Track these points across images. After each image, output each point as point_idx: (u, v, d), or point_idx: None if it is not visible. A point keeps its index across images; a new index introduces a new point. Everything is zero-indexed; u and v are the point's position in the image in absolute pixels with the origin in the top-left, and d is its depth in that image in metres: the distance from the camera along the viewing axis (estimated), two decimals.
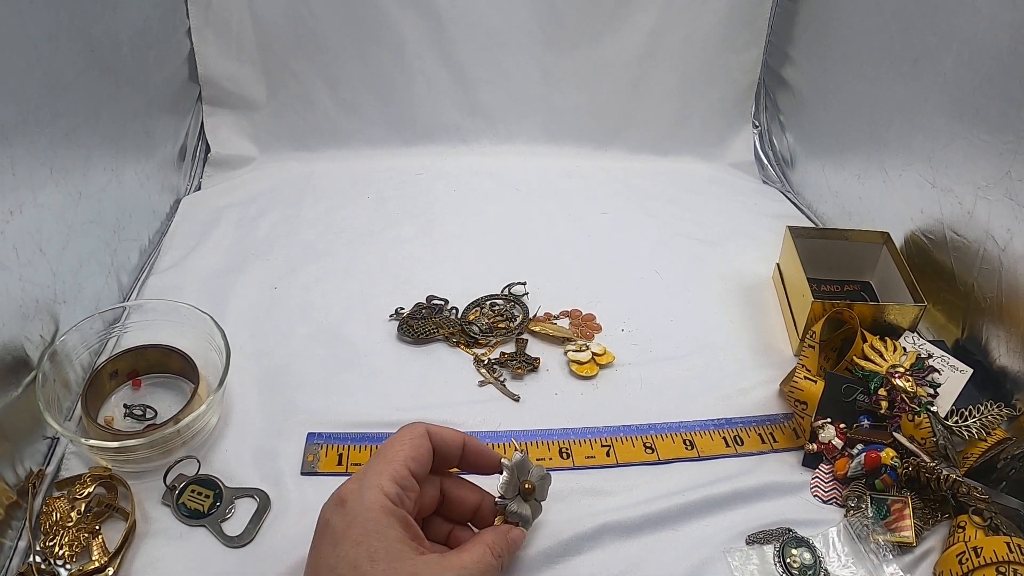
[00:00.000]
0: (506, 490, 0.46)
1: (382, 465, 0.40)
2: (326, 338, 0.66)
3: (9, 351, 0.50)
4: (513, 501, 0.46)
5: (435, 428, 0.44)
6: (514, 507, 0.45)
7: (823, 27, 0.92)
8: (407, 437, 0.42)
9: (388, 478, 0.39)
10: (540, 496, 0.48)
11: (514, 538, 0.44)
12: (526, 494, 0.46)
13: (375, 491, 0.38)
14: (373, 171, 0.94)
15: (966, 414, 0.55)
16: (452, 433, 0.44)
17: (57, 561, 0.45)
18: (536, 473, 0.48)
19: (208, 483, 0.51)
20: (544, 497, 0.49)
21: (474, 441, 0.46)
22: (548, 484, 0.49)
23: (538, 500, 0.48)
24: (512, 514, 0.45)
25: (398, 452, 0.41)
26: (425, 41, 0.93)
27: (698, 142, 1.05)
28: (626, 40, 0.97)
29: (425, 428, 0.43)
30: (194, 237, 0.79)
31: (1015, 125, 0.59)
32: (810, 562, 0.48)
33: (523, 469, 0.47)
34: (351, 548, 0.36)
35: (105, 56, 0.66)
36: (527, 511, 0.46)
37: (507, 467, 0.46)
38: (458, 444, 0.44)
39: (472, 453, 0.45)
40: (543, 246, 0.82)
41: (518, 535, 0.45)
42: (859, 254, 0.75)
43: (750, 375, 0.65)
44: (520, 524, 0.46)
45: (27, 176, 0.53)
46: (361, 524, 0.37)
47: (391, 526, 0.37)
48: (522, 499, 0.46)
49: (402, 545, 0.37)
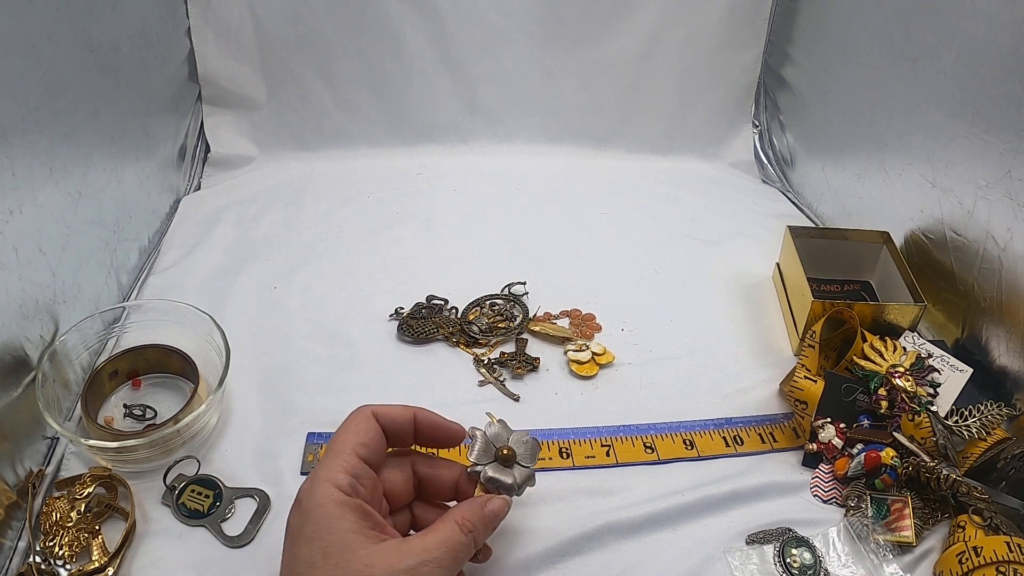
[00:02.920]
0: (479, 456, 0.44)
1: (331, 458, 0.39)
2: (326, 338, 0.66)
3: (9, 351, 0.49)
4: (489, 467, 0.44)
5: (382, 408, 0.42)
6: (491, 472, 0.43)
7: (823, 27, 0.92)
8: (353, 423, 0.41)
9: (338, 470, 0.38)
10: (526, 460, 0.46)
11: (493, 509, 0.42)
12: (505, 459, 0.44)
13: (324, 485, 0.38)
14: (373, 171, 0.94)
15: (966, 414, 0.55)
16: (400, 409, 0.43)
17: (57, 561, 0.45)
18: (516, 438, 0.46)
19: (208, 483, 0.51)
20: (533, 462, 0.46)
21: (426, 413, 0.44)
22: (535, 449, 0.47)
23: (525, 465, 0.46)
24: (490, 480, 0.43)
25: (345, 441, 0.40)
26: (425, 41, 0.93)
27: (698, 142, 1.05)
28: (626, 39, 0.97)
29: (370, 410, 0.42)
30: (194, 237, 0.79)
31: (1015, 124, 0.59)
32: (810, 562, 0.48)
33: (499, 437, 0.45)
34: (305, 545, 0.36)
35: (105, 56, 0.66)
36: (509, 477, 0.44)
37: (478, 434, 0.44)
38: (408, 419, 0.43)
39: (426, 426, 0.44)
40: (543, 246, 0.82)
41: (498, 505, 0.42)
42: (859, 254, 0.75)
43: (750, 375, 0.65)
44: (503, 492, 0.44)
45: (27, 176, 0.53)
46: (314, 521, 0.36)
47: (343, 517, 0.37)
48: (500, 466, 0.44)
49: (356, 535, 0.36)
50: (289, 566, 0.37)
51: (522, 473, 0.45)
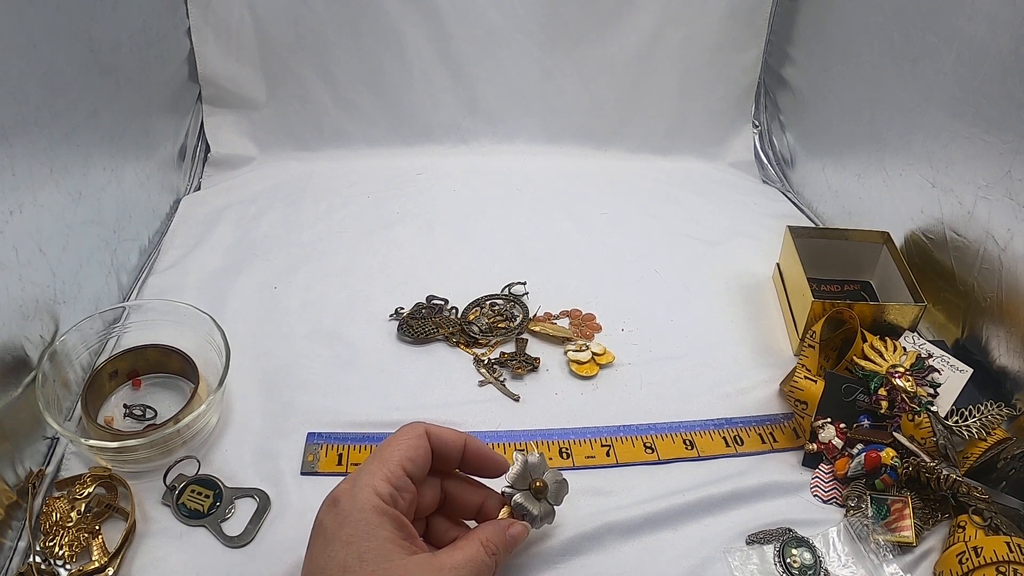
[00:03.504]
0: (515, 481, 0.45)
1: (377, 465, 0.40)
2: (326, 338, 0.66)
3: (9, 351, 0.49)
4: (520, 494, 0.45)
5: (435, 428, 0.43)
6: (520, 499, 0.44)
7: (823, 27, 0.92)
8: (404, 437, 0.42)
9: (382, 478, 0.39)
10: (553, 499, 0.47)
11: (514, 534, 0.43)
12: (536, 492, 0.46)
13: (367, 491, 0.38)
14: (373, 171, 0.94)
15: (966, 414, 0.55)
16: (453, 434, 0.44)
17: (57, 561, 0.45)
18: (551, 476, 0.47)
19: (208, 483, 0.51)
20: (559, 502, 0.48)
21: (476, 442, 0.45)
22: (564, 491, 0.48)
23: (551, 503, 0.47)
24: (518, 506, 0.44)
25: (394, 452, 0.40)
26: (425, 41, 0.93)
27: (698, 142, 1.05)
28: (626, 40, 0.97)
29: (424, 428, 0.42)
30: (194, 237, 0.79)
31: (1015, 124, 0.60)
32: (810, 562, 0.48)
33: (537, 468, 0.46)
34: (341, 548, 0.36)
35: (105, 56, 0.66)
36: (536, 509, 0.45)
37: (519, 458, 0.45)
38: (459, 445, 0.44)
39: (473, 455, 0.44)
40: (543, 246, 0.82)
41: (519, 531, 0.43)
42: (859, 254, 0.75)
43: (750, 375, 0.65)
44: (526, 519, 0.45)
45: (27, 176, 0.53)
46: (352, 524, 0.37)
47: (382, 526, 0.37)
48: (531, 495, 0.45)
49: (392, 545, 0.37)
50: (320, 566, 0.37)
51: (546, 508, 0.47)
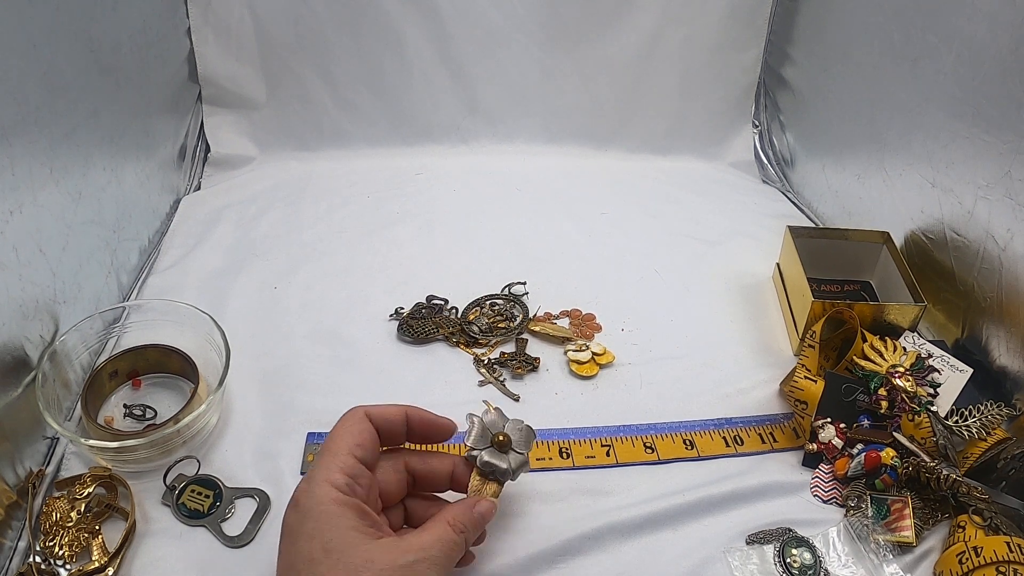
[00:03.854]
0: (476, 441, 0.45)
1: (328, 458, 0.40)
2: (326, 338, 0.66)
3: (9, 351, 0.49)
4: (485, 452, 0.45)
5: (374, 408, 0.43)
6: (487, 457, 0.44)
7: (823, 27, 0.92)
8: (347, 425, 0.42)
9: (335, 470, 0.39)
10: (521, 447, 0.47)
11: (482, 511, 0.43)
12: (501, 445, 0.45)
13: (323, 485, 0.38)
14: (373, 171, 0.94)
15: (966, 414, 0.55)
16: (392, 409, 0.44)
17: (57, 561, 0.45)
18: (512, 426, 0.47)
19: (208, 483, 0.51)
20: (528, 448, 0.47)
21: (417, 411, 0.45)
22: (530, 436, 0.48)
23: (519, 451, 0.47)
24: (486, 464, 0.44)
25: (340, 443, 0.41)
26: (425, 41, 0.93)
27: (698, 142, 1.05)
28: (626, 40, 0.97)
29: (363, 411, 0.43)
30: (194, 237, 0.79)
31: (1015, 124, 0.60)
32: (810, 562, 0.48)
33: (495, 424, 0.46)
34: (305, 543, 0.36)
35: (105, 56, 0.66)
36: (504, 462, 0.45)
37: (472, 418, 0.45)
38: (401, 418, 0.44)
39: (418, 423, 0.44)
40: (543, 246, 0.82)
41: (486, 507, 0.43)
42: (859, 254, 0.75)
43: (750, 375, 0.65)
44: (498, 477, 0.45)
45: (27, 176, 0.53)
46: (313, 519, 0.37)
47: (343, 516, 0.37)
48: (496, 451, 0.45)
49: (356, 533, 0.37)
50: (289, 563, 0.37)
51: (517, 459, 0.46)
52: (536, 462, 0.55)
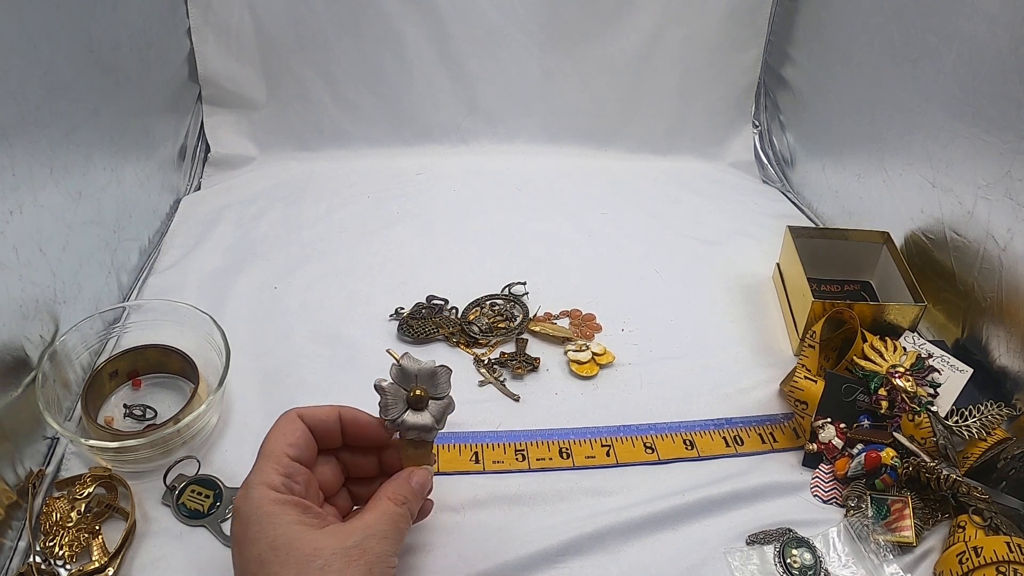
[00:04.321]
0: (389, 412, 0.43)
1: (262, 461, 0.40)
2: (326, 338, 0.66)
3: (9, 351, 0.49)
4: (405, 416, 0.43)
5: (306, 409, 0.43)
6: (408, 421, 0.43)
7: (823, 27, 0.92)
8: (279, 427, 0.42)
9: (270, 472, 0.39)
10: (438, 392, 0.44)
11: (419, 480, 0.43)
12: (417, 403, 0.43)
13: (259, 488, 0.38)
14: (373, 171, 0.94)
15: (966, 414, 0.55)
16: (325, 409, 0.44)
17: (57, 561, 0.45)
18: (424, 373, 0.44)
19: (208, 483, 0.51)
20: (446, 391, 0.45)
21: (351, 411, 0.44)
22: (446, 375, 0.45)
23: (438, 398, 0.44)
24: (410, 429, 0.43)
25: (274, 444, 0.41)
26: (425, 41, 0.93)
27: (698, 142, 1.05)
28: (626, 40, 0.97)
29: (296, 412, 0.43)
30: (194, 237, 0.79)
31: (1015, 124, 0.60)
32: (810, 562, 0.48)
33: (405, 378, 0.44)
34: (252, 547, 0.37)
35: (105, 56, 0.66)
36: (426, 419, 0.43)
37: (379, 388, 0.43)
38: (333, 418, 0.44)
39: (350, 423, 0.44)
40: (543, 246, 0.82)
41: (422, 476, 0.43)
42: (859, 254, 0.75)
43: (750, 375, 0.65)
44: (422, 435, 0.43)
45: (27, 176, 0.53)
46: (255, 522, 0.37)
47: (283, 513, 0.37)
48: (415, 410, 0.44)
49: (299, 526, 0.37)
50: (242, 570, 0.37)
51: (438, 407, 0.44)
52: (536, 462, 0.55)
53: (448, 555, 0.48)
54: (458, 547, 0.48)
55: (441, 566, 0.47)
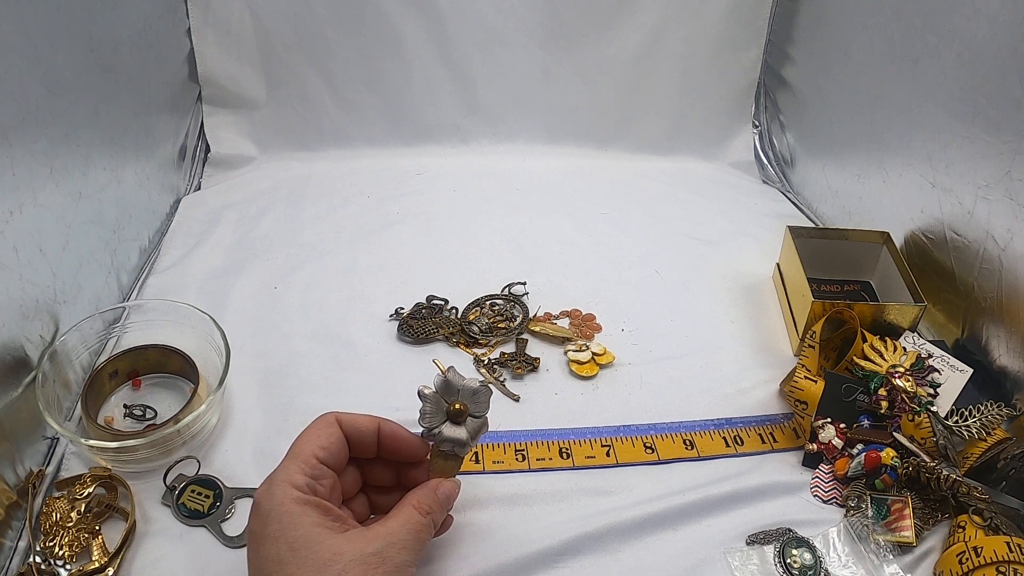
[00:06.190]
0: (428, 420, 0.43)
1: (288, 461, 0.40)
2: (326, 338, 0.66)
3: (9, 351, 0.49)
4: (443, 427, 0.43)
5: (346, 415, 0.43)
6: (445, 434, 0.43)
7: (823, 27, 0.92)
8: (315, 428, 0.42)
9: (296, 471, 0.39)
10: (477, 411, 0.45)
11: (446, 492, 0.43)
12: (456, 416, 0.44)
13: (283, 487, 0.38)
14: (373, 171, 0.94)
15: (966, 414, 0.55)
16: (365, 419, 0.43)
17: (57, 561, 0.45)
18: (467, 389, 0.44)
19: (208, 483, 0.51)
20: (484, 411, 0.45)
21: (391, 425, 0.44)
22: (487, 395, 0.45)
23: (476, 416, 0.45)
24: (444, 442, 0.43)
25: (305, 445, 0.41)
26: (425, 40, 0.93)
27: (698, 142, 1.05)
28: (626, 40, 0.97)
29: (335, 416, 0.43)
30: (194, 237, 0.79)
31: (1015, 125, 0.59)
32: (810, 562, 0.48)
33: (448, 391, 0.44)
34: (271, 545, 0.36)
35: (105, 56, 0.66)
36: (462, 434, 0.44)
37: (423, 396, 0.43)
38: (372, 429, 0.43)
39: (388, 436, 0.44)
40: (543, 246, 0.82)
41: (450, 487, 0.43)
42: (859, 254, 0.75)
43: (750, 375, 0.65)
44: (455, 449, 0.44)
45: (27, 176, 0.53)
46: (275, 520, 0.37)
47: (305, 515, 0.37)
48: (452, 423, 0.44)
49: (320, 529, 0.37)
50: (257, 568, 0.37)
51: (474, 425, 0.45)
52: (536, 462, 0.55)
53: (448, 555, 0.48)
54: (458, 547, 0.48)
55: (441, 566, 0.47)
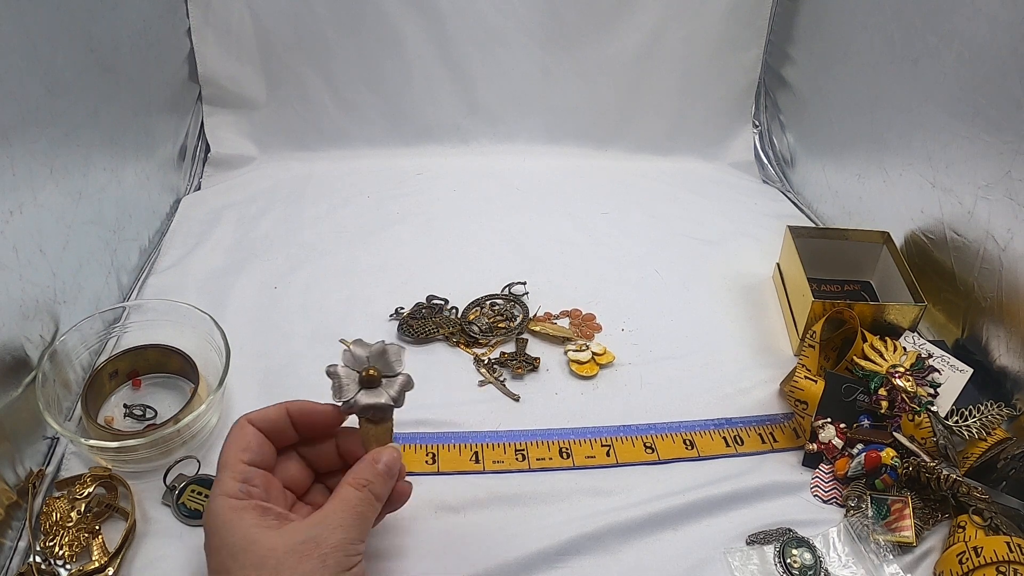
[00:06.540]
0: (342, 393, 0.43)
1: (219, 473, 0.40)
2: (326, 338, 0.66)
3: (9, 351, 0.49)
4: (359, 396, 0.43)
5: (255, 413, 0.43)
6: (363, 401, 0.43)
7: (823, 27, 0.92)
8: (232, 435, 0.42)
9: (227, 480, 0.39)
10: (389, 370, 0.44)
11: (387, 460, 0.42)
12: (370, 382, 0.43)
13: (219, 499, 0.39)
14: (373, 171, 0.94)
15: (966, 414, 0.55)
16: (272, 409, 0.44)
17: (57, 561, 0.45)
18: (374, 353, 0.44)
19: (208, 483, 0.51)
20: (398, 367, 0.44)
21: (297, 404, 0.44)
22: (396, 353, 0.44)
23: (393, 375, 0.44)
24: (365, 410, 0.43)
25: (228, 454, 0.41)
26: (425, 40, 0.93)
27: (698, 142, 1.05)
28: (626, 40, 0.97)
29: (245, 419, 0.43)
30: (194, 237, 0.79)
31: (1015, 125, 0.59)
32: (810, 562, 0.48)
33: (356, 363, 0.44)
34: (215, 557, 0.37)
35: (105, 56, 0.66)
36: (383, 396, 0.43)
37: (329, 373, 0.43)
38: (282, 415, 0.43)
39: (298, 414, 0.44)
40: (543, 246, 0.82)
41: (389, 455, 0.42)
42: (859, 254, 0.75)
43: (750, 375, 0.65)
44: (381, 414, 0.43)
45: (27, 176, 0.53)
46: (216, 532, 0.38)
47: (241, 519, 0.38)
48: (368, 389, 0.43)
49: (257, 529, 0.37)
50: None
51: (394, 384, 0.44)
52: (536, 462, 0.55)
53: (448, 555, 0.48)
54: (458, 547, 0.48)
55: (441, 566, 0.47)
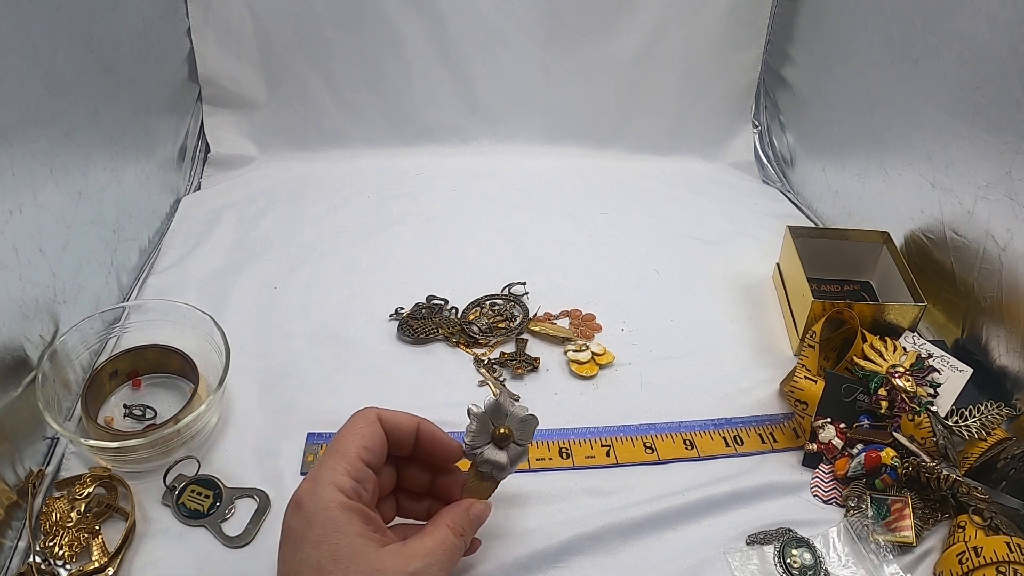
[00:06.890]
0: (473, 439, 0.43)
1: (335, 460, 0.39)
2: (326, 338, 0.66)
3: (9, 351, 0.49)
4: (485, 449, 0.43)
5: (387, 413, 0.42)
6: (486, 456, 0.43)
7: (823, 27, 0.92)
8: (359, 426, 0.41)
9: (342, 473, 0.38)
10: (522, 439, 0.45)
11: (477, 513, 0.43)
12: (501, 440, 0.44)
13: (330, 489, 0.37)
14: (373, 171, 0.94)
15: (966, 414, 0.55)
16: (405, 417, 0.43)
17: (57, 561, 0.45)
18: (516, 416, 0.45)
19: (208, 483, 0.51)
20: (528, 440, 0.46)
21: (429, 426, 0.44)
22: (534, 425, 0.46)
23: (520, 444, 0.45)
24: (485, 463, 0.43)
25: (350, 444, 0.40)
26: (425, 41, 0.93)
27: (698, 142, 1.05)
28: (626, 40, 0.97)
29: (376, 413, 0.42)
30: (194, 237, 0.79)
31: (1015, 125, 0.59)
32: (810, 562, 0.48)
33: (497, 414, 0.44)
34: (312, 550, 0.36)
35: (105, 56, 0.66)
36: (503, 458, 0.44)
37: (474, 415, 0.43)
38: (412, 428, 0.43)
39: (426, 438, 0.44)
40: (543, 246, 0.82)
41: (481, 509, 0.43)
42: (859, 254, 0.75)
43: (750, 375, 0.65)
44: (494, 472, 0.44)
45: (27, 176, 0.53)
46: (319, 524, 0.36)
47: (350, 522, 0.37)
48: (496, 446, 0.44)
49: (363, 540, 0.36)
50: (294, 570, 0.36)
51: (516, 452, 0.45)
52: (536, 462, 0.55)
53: None
54: None
55: None
